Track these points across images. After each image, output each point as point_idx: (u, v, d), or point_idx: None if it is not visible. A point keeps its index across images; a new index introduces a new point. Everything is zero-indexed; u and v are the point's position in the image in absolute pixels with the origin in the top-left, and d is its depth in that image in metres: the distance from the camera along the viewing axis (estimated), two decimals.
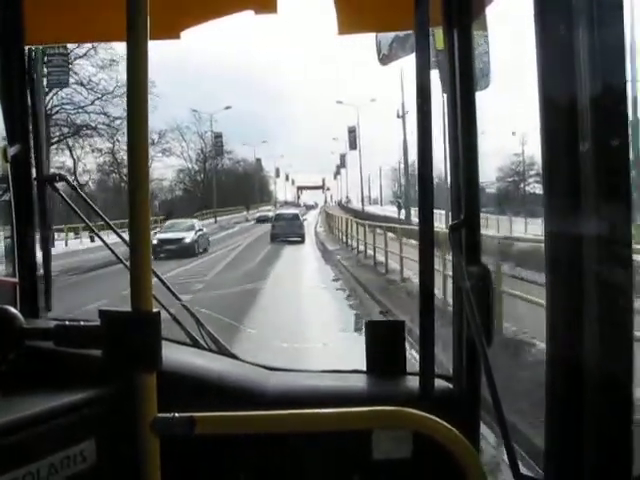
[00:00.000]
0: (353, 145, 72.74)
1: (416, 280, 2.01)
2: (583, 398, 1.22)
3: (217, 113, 63.68)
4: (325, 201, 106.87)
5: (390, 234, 20.61)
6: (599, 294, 1.18)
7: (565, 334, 1.26)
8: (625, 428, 1.21)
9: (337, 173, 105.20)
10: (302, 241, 37.87)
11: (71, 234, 34.98)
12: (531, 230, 23.96)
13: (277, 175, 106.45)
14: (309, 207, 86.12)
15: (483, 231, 1.90)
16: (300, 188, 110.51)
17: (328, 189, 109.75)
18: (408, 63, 1.77)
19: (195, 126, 68.62)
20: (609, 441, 1.21)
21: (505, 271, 11.27)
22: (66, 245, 32.41)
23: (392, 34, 2.45)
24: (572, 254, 1.21)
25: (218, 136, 70.52)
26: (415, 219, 1.77)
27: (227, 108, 63.87)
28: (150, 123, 1.41)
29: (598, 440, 1.22)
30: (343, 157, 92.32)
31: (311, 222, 54.70)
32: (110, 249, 2.45)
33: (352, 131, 72.24)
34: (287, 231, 38.09)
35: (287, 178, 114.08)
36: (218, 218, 59.38)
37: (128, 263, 1.45)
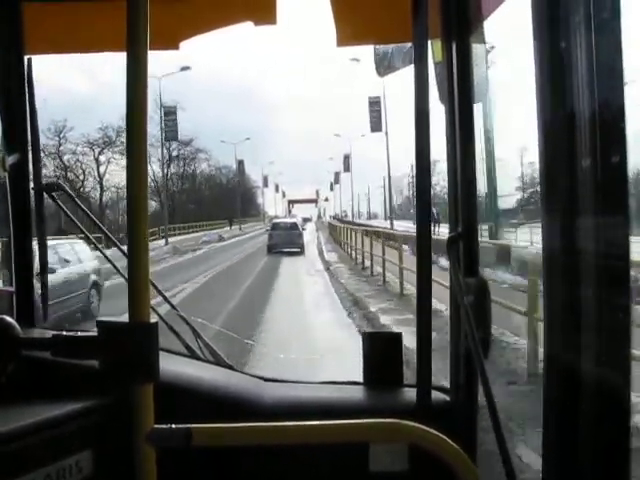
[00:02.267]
0: (376, 126, 51.59)
1: None
2: (581, 407, 1.22)
3: (169, 77, 43.97)
4: (319, 216, 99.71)
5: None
6: (597, 305, 1.19)
7: (563, 344, 1.26)
8: (623, 436, 1.21)
9: (336, 181, 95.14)
10: (302, 252, 34.28)
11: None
12: None
13: (265, 184, 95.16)
14: (306, 220, 79.53)
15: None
16: (291, 202, 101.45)
17: (326, 200, 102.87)
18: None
19: (158, 115, 51.00)
20: (608, 450, 1.21)
21: None
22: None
23: (391, 46, 2.46)
24: (570, 266, 1.21)
25: (170, 113, 49.91)
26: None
27: (184, 69, 45.55)
28: (110, 119, 1.34)
29: (596, 449, 1.22)
30: (347, 159, 79.53)
31: (310, 240, 42.20)
32: (108, 259, 2.45)
33: (375, 103, 51.49)
34: (285, 241, 35.27)
35: (277, 189, 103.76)
36: (178, 237, 46.06)
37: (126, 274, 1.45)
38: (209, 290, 18.10)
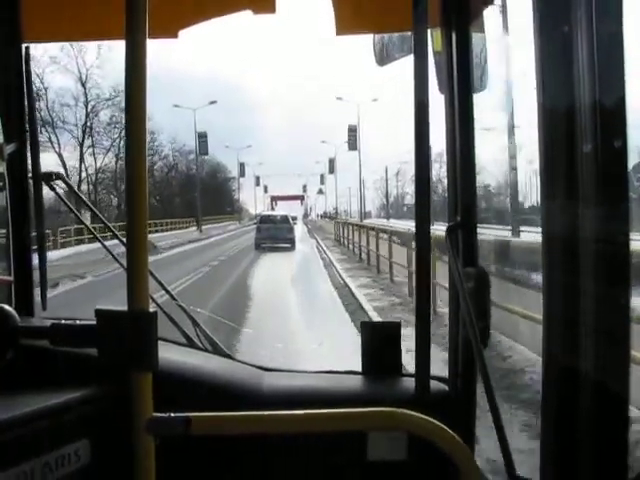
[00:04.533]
0: None
1: None
2: (579, 402, 1.22)
3: None
4: (305, 214, 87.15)
5: None
6: (596, 298, 1.19)
7: (561, 341, 1.26)
8: (621, 431, 1.21)
9: (330, 171, 77.20)
10: (292, 248, 30.39)
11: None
12: None
13: (242, 174, 76.78)
14: (294, 218, 69.56)
15: None
16: (275, 198, 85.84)
17: (320, 192, 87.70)
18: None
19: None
20: (605, 445, 1.22)
21: None
22: None
23: (390, 35, 2.45)
24: (570, 258, 1.21)
25: None
26: None
27: None
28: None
29: (594, 443, 1.22)
30: (353, 132, 62.56)
31: (310, 258, 26.68)
32: (106, 248, 2.44)
33: None
34: (275, 235, 32.23)
35: (257, 182, 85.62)
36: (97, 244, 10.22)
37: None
38: None
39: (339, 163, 76.58)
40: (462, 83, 1.86)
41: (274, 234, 32.61)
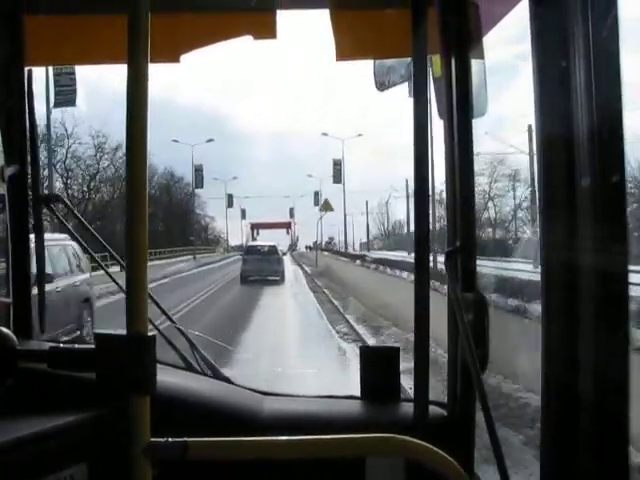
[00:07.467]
0: None
1: None
2: (579, 421, 1.22)
3: None
4: (291, 246, 69.60)
5: None
6: (595, 323, 1.19)
7: (560, 359, 1.26)
8: (622, 451, 1.21)
9: (336, 178, 55.43)
10: (281, 280, 28.32)
11: None
12: None
13: (198, 184, 55.44)
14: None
15: None
16: (255, 226, 67.27)
17: (325, 209, 58.39)
18: None
19: None
20: (606, 466, 1.21)
21: None
22: None
23: (390, 61, 2.47)
24: (569, 284, 1.21)
25: None
26: None
27: None
28: None
29: (595, 464, 1.21)
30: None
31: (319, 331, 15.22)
32: (106, 271, 2.44)
33: None
34: (262, 268, 29.70)
35: (230, 202, 62.47)
36: None
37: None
38: None
39: (326, 193, 54.64)
40: (461, 109, 1.87)
41: (262, 267, 30.16)
